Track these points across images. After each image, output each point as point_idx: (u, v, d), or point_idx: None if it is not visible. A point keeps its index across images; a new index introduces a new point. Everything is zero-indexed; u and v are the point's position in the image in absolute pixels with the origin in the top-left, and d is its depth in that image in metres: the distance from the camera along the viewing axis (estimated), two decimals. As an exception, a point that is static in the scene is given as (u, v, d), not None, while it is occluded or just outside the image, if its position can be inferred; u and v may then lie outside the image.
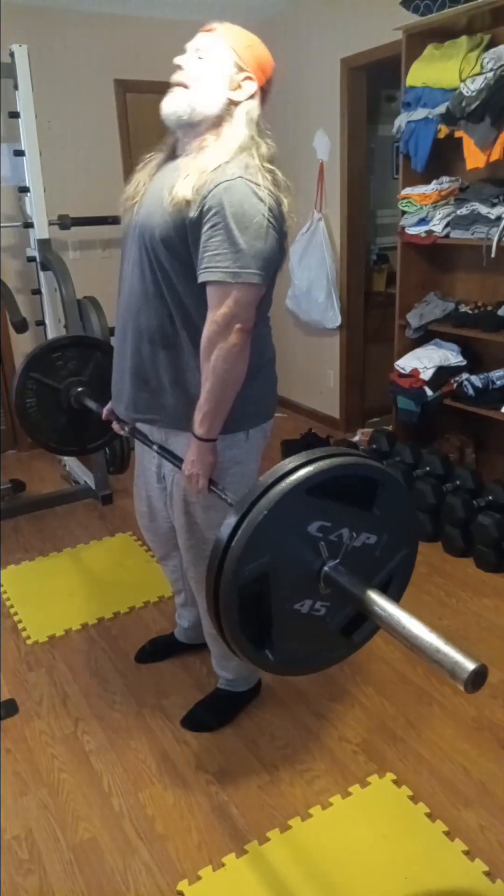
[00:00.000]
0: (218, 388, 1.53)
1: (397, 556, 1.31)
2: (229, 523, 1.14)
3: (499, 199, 2.91)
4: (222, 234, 1.44)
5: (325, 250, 4.17)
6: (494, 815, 1.73)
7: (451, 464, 3.17)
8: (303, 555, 1.20)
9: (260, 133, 1.57)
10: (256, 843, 1.68)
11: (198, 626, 2.25)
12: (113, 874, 1.62)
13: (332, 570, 1.21)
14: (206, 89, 1.52)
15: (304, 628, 1.26)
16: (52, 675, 2.30)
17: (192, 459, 1.61)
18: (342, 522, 1.21)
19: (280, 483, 1.14)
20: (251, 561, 1.14)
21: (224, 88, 1.53)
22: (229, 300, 1.47)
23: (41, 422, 2.38)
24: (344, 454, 1.21)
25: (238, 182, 1.45)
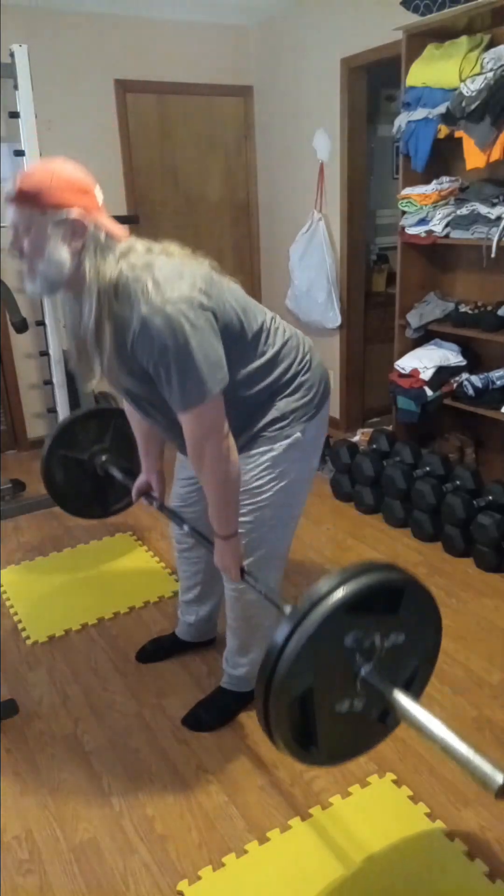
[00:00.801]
0: (221, 491, 1.63)
1: (423, 648, 1.46)
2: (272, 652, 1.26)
3: (499, 199, 2.91)
4: (166, 375, 1.47)
5: (325, 250, 4.17)
6: (494, 815, 1.73)
7: (451, 464, 3.17)
8: (342, 665, 1.33)
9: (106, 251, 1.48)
10: (256, 843, 1.68)
11: (205, 621, 2.28)
12: (113, 874, 1.62)
13: (368, 675, 1.33)
14: (46, 261, 1.46)
15: (345, 724, 1.39)
16: (52, 675, 2.30)
17: (220, 555, 1.73)
18: (374, 629, 1.33)
19: (317, 608, 1.25)
20: (296, 683, 1.27)
21: (61, 249, 1.45)
22: (195, 421, 1.54)
23: (70, 492, 2.55)
24: (372, 569, 1.32)
25: (144, 323, 1.42)
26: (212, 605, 2.26)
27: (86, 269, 1.45)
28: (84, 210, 1.45)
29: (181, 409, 1.52)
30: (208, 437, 1.56)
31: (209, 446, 1.57)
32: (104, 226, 1.49)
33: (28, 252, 1.47)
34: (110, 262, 1.47)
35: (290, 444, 1.77)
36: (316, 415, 1.82)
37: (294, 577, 2.78)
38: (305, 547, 3.05)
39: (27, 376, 4.26)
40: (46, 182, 1.42)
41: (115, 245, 1.49)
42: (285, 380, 1.75)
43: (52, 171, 1.44)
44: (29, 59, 3.20)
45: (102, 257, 1.47)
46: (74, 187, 1.45)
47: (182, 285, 1.45)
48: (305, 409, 1.79)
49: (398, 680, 1.41)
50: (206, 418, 1.54)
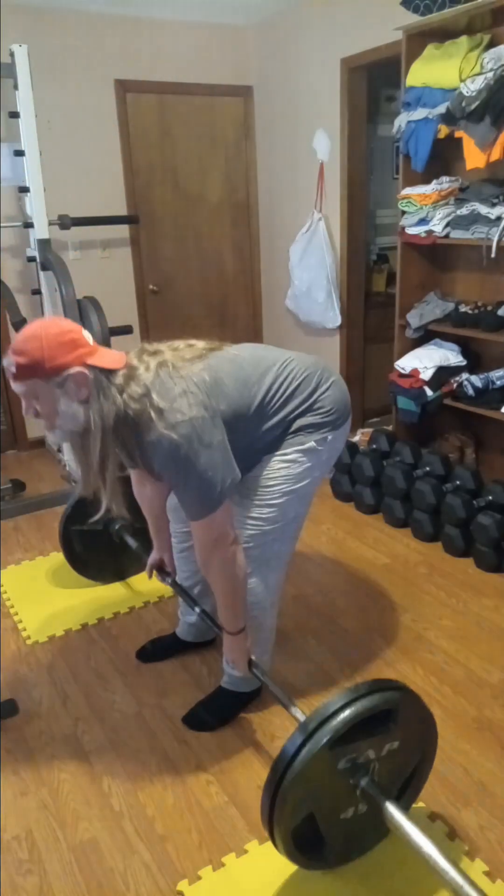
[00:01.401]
0: (229, 592, 1.74)
1: (418, 752, 1.54)
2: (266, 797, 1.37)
3: (499, 199, 2.91)
4: (175, 484, 1.65)
5: (325, 250, 4.17)
6: (494, 815, 1.73)
7: (451, 464, 3.17)
8: (338, 786, 1.41)
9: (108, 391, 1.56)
10: (256, 843, 1.68)
11: None
12: (113, 874, 1.62)
13: (367, 787, 1.42)
14: (61, 418, 1.58)
15: (351, 826, 1.49)
16: (52, 675, 2.30)
17: (228, 649, 1.85)
18: (365, 748, 1.41)
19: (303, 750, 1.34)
20: (295, 818, 1.38)
21: (71, 404, 1.55)
22: (206, 528, 1.66)
23: (89, 560, 2.72)
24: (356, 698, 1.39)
25: (160, 442, 1.54)
26: (212, 605, 2.26)
27: (92, 419, 1.55)
28: (78, 360, 1.53)
29: (193, 517, 1.65)
30: (217, 542, 1.67)
31: (217, 551, 1.68)
32: (100, 365, 1.56)
33: (43, 414, 1.58)
34: (115, 400, 1.55)
35: (304, 450, 1.82)
36: (334, 430, 1.88)
37: (295, 578, 2.78)
38: (305, 547, 3.05)
39: (27, 376, 4.25)
40: (39, 352, 1.49)
41: (114, 379, 1.57)
42: (300, 410, 1.83)
43: (40, 338, 1.50)
44: (29, 59, 3.21)
45: (105, 398, 1.55)
46: (65, 345, 1.52)
47: (181, 405, 1.55)
48: (322, 424, 1.85)
49: (396, 783, 1.52)
50: (215, 526, 1.66)
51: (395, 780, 1.53)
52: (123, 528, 2.55)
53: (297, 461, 1.82)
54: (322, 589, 2.75)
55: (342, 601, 2.66)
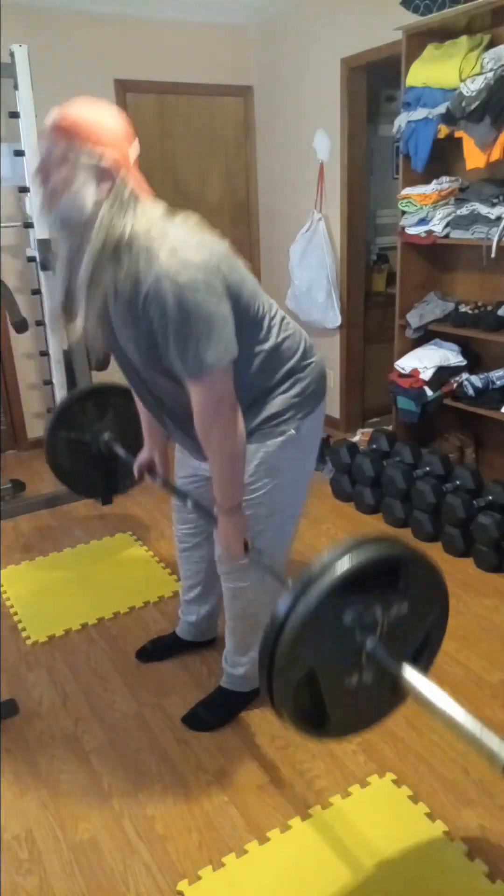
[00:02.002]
0: (228, 463, 1.62)
1: (430, 616, 1.42)
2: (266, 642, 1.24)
3: (499, 199, 2.91)
4: (174, 338, 1.45)
5: (325, 250, 4.17)
6: (494, 815, 1.73)
7: (451, 464, 3.17)
8: (343, 643, 1.30)
9: (127, 206, 1.46)
10: (256, 843, 1.68)
11: (205, 619, 2.28)
12: (113, 874, 1.62)
13: (372, 651, 1.30)
14: (71, 199, 1.43)
15: (356, 697, 1.36)
16: (52, 675, 2.30)
17: (223, 531, 1.72)
18: (373, 603, 1.30)
19: (307, 595, 1.23)
20: (296, 670, 1.26)
21: (88, 194, 1.43)
22: (210, 387, 1.52)
23: (75, 474, 2.56)
24: (362, 544, 1.29)
25: (160, 284, 1.41)
26: (212, 605, 2.26)
27: (98, 218, 1.42)
28: (117, 160, 1.43)
29: (191, 376, 1.50)
30: (217, 408, 1.55)
31: (218, 417, 1.56)
32: (131, 181, 1.47)
33: (53, 183, 1.44)
34: (127, 217, 1.45)
35: (284, 441, 1.75)
36: (311, 412, 1.80)
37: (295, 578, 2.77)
38: (305, 547, 3.05)
39: (27, 376, 4.26)
40: (88, 121, 1.42)
41: (136, 203, 1.48)
42: (281, 375, 1.74)
43: (97, 113, 1.45)
44: (29, 59, 3.21)
45: (120, 211, 1.44)
46: (113, 135, 1.44)
47: (200, 253, 1.44)
48: (300, 406, 1.77)
49: (405, 651, 1.38)
50: (216, 388, 1.52)
51: (405, 648, 1.40)
52: (111, 439, 2.43)
53: (277, 455, 1.75)
54: (322, 589, 2.75)
55: (342, 601, 2.66)
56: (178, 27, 4.20)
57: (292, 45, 4.15)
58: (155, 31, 4.14)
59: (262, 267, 4.96)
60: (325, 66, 3.94)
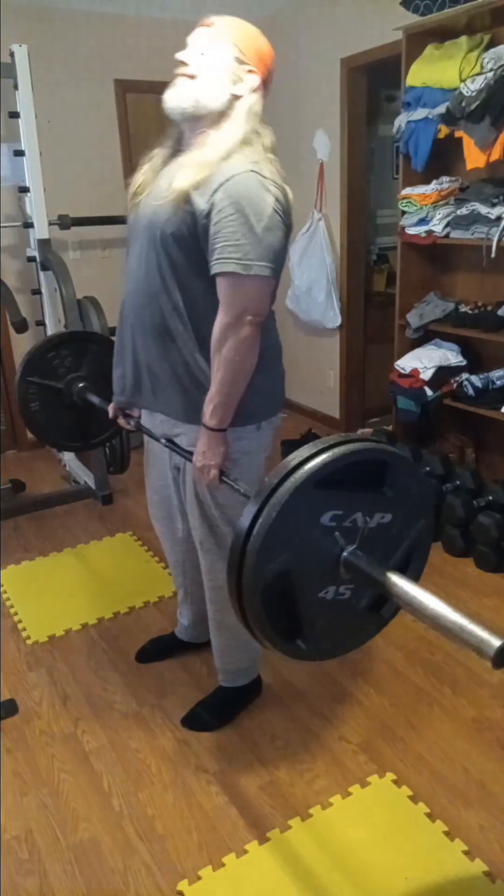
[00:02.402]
0: (230, 379, 1.56)
1: (414, 528, 1.32)
2: (241, 527, 1.15)
3: (499, 199, 2.91)
4: (233, 227, 1.46)
5: (325, 250, 4.17)
6: (494, 815, 1.73)
7: (451, 464, 3.17)
8: (320, 545, 1.21)
9: (262, 125, 1.58)
10: (256, 843, 1.68)
11: (198, 623, 2.25)
12: (113, 874, 1.62)
13: (351, 556, 1.21)
14: (210, 83, 1.53)
15: (332, 613, 1.27)
16: (52, 675, 2.30)
17: (203, 450, 1.63)
18: (354, 508, 1.21)
19: (286, 481, 1.14)
20: (269, 561, 1.15)
21: (227, 83, 1.54)
22: (241, 292, 1.50)
23: (47, 423, 2.41)
24: (346, 441, 1.21)
25: (248, 175, 1.47)
26: (195, 612, 2.23)
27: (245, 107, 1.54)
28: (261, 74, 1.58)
29: (231, 264, 1.47)
30: (241, 317, 1.51)
31: (238, 328, 1.51)
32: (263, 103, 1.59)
33: (196, 65, 1.54)
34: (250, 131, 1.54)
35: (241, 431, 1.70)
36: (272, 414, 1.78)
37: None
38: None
39: (27, 376, 4.26)
40: (251, 36, 1.59)
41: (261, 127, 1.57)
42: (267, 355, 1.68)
43: (260, 36, 1.60)
44: (29, 59, 3.21)
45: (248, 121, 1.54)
46: (267, 60, 1.60)
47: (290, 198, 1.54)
48: (263, 405, 1.73)
49: (388, 563, 1.28)
50: (248, 295, 1.50)
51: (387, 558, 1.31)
52: (85, 388, 2.32)
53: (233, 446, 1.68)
54: (322, 589, 2.75)
55: (342, 601, 2.66)
56: (178, 27, 4.19)
57: (292, 45, 4.15)
58: (155, 31, 4.13)
59: (262, 267, 4.95)
60: (325, 66, 3.94)
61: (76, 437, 2.51)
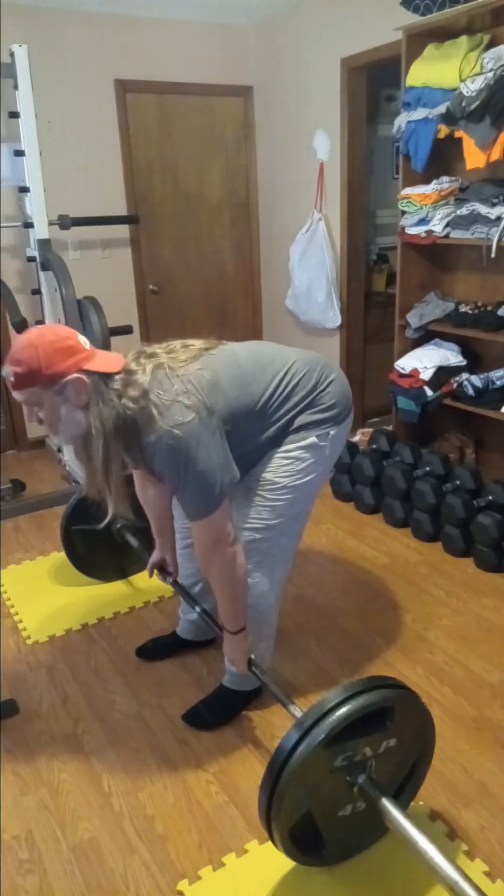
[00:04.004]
0: (229, 592, 1.75)
1: (416, 750, 1.53)
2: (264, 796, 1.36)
3: (499, 199, 2.91)
4: (174, 485, 1.66)
5: (325, 250, 4.17)
6: (494, 815, 1.73)
7: (451, 464, 3.17)
8: (335, 783, 1.40)
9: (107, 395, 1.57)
10: (256, 843, 1.68)
11: None
12: (113, 874, 1.62)
13: (363, 785, 1.41)
14: (65, 425, 1.59)
15: (350, 823, 1.47)
16: (52, 675, 2.30)
17: (228, 649, 1.86)
18: (363, 745, 1.39)
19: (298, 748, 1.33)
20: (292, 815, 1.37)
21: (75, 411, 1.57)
22: (205, 528, 1.67)
23: (91, 560, 2.75)
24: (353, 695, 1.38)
25: (158, 444, 1.56)
26: (212, 603, 2.26)
27: (92, 424, 1.56)
28: (75, 366, 1.53)
29: (192, 517, 1.67)
30: (216, 544, 1.68)
31: (217, 552, 1.69)
32: (98, 370, 1.57)
33: (46, 420, 1.60)
34: (114, 404, 1.56)
35: (306, 446, 1.82)
36: (336, 425, 1.88)
37: (296, 579, 2.78)
38: (305, 547, 3.05)
39: (27, 376, 4.26)
40: (36, 361, 1.50)
41: (112, 384, 1.58)
42: (301, 406, 1.82)
43: (36, 346, 1.51)
44: (29, 59, 3.21)
45: (105, 403, 1.56)
46: (61, 352, 1.52)
47: (179, 406, 1.56)
48: (324, 420, 1.85)
49: (394, 780, 1.50)
50: (215, 527, 1.67)
51: (394, 778, 1.52)
52: (125, 527, 2.55)
53: (300, 458, 1.82)
54: (322, 589, 2.75)
55: (342, 601, 2.66)
56: (178, 27, 4.20)
57: (292, 45, 4.15)
58: (155, 31, 4.14)
59: (262, 267, 4.96)
60: (325, 66, 3.94)
61: (115, 569, 2.80)
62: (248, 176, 4.77)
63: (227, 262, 4.90)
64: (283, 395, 1.79)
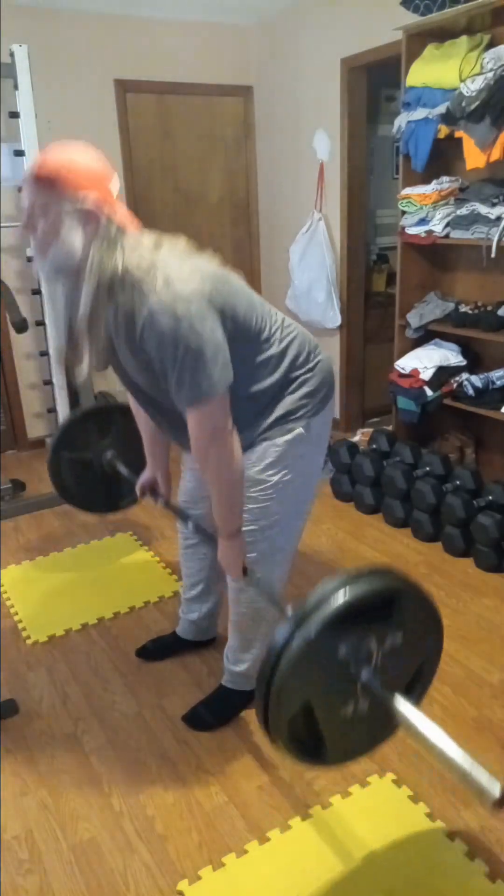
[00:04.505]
0: (226, 489, 1.64)
1: (424, 646, 1.45)
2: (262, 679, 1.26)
3: (499, 199, 2.91)
4: (171, 368, 1.48)
5: (325, 250, 4.17)
6: (494, 815, 1.73)
7: (451, 464, 3.17)
8: (338, 676, 1.31)
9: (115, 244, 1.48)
10: (256, 843, 1.68)
11: (206, 618, 2.28)
12: (113, 874, 1.62)
13: (367, 681, 1.32)
14: (59, 247, 1.47)
15: (352, 725, 1.38)
16: (52, 675, 2.30)
17: (222, 554, 1.74)
18: (368, 636, 1.31)
19: (304, 627, 1.25)
20: (292, 703, 1.27)
21: (76, 239, 1.46)
22: (206, 416, 1.55)
23: (78, 491, 2.57)
24: (358, 577, 1.30)
25: (153, 318, 1.44)
26: (214, 603, 2.27)
27: (89, 259, 1.45)
28: (99, 200, 1.46)
29: (187, 405, 1.53)
30: (214, 436, 1.57)
31: (214, 444, 1.58)
32: (117, 218, 1.49)
33: (41, 233, 1.48)
34: (117, 255, 1.47)
35: (293, 439, 1.77)
36: (320, 411, 1.82)
37: (295, 579, 2.77)
38: (305, 547, 3.05)
39: (27, 376, 4.26)
40: (66, 168, 1.44)
41: (124, 239, 1.50)
42: (289, 378, 1.76)
43: (72, 157, 1.46)
44: (29, 59, 3.21)
45: (109, 249, 1.47)
46: (92, 176, 1.46)
47: (191, 283, 1.46)
48: (309, 404, 1.79)
49: (400, 681, 1.40)
50: (212, 416, 1.55)
51: (399, 680, 1.42)
52: (115, 457, 2.45)
53: (288, 452, 1.77)
54: (322, 589, 2.75)
55: (342, 601, 2.66)
56: (178, 27, 4.20)
57: (292, 45, 4.15)
58: (155, 31, 4.14)
59: (262, 267, 4.96)
60: (325, 66, 3.94)
61: (104, 501, 2.62)
62: (248, 176, 4.77)
63: (227, 262, 4.87)
64: (279, 338, 1.73)
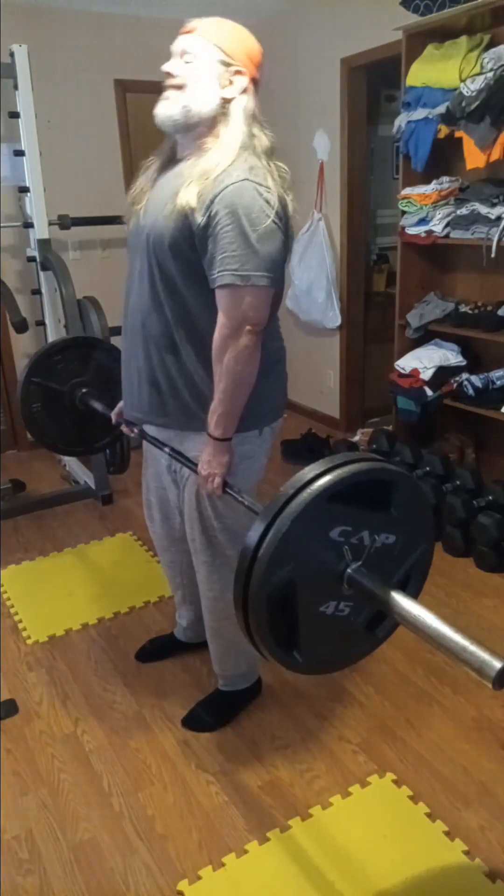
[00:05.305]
0: (231, 388, 1.56)
1: (415, 552, 1.35)
2: (255, 533, 1.17)
3: (499, 199, 2.91)
4: (229, 238, 1.45)
5: (325, 250, 4.17)
6: (494, 815, 1.73)
7: (451, 464, 3.17)
8: (327, 559, 1.24)
9: (258, 126, 1.55)
10: (256, 843, 1.68)
11: (196, 624, 2.25)
12: (113, 874, 1.62)
13: (356, 573, 1.24)
14: (198, 91, 1.52)
15: (330, 628, 1.31)
16: (52, 675, 2.30)
17: (207, 460, 1.64)
18: (363, 525, 1.25)
19: (302, 492, 1.17)
20: (278, 570, 1.18)
21: (215, 87, 1.52)
22: (240, 303, 1.49)
23: (48, 426, 2.39)
24: (360, 460, 1.24)
25: (244, 185, 1.45)
26: (194, 614, 2.23)
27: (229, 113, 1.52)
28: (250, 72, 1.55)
29: (223, 280, 1.48)
30: (240, 327, 1.50)
31: (237, 337, 1.51)
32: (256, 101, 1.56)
33: (185, 74, 1.54)
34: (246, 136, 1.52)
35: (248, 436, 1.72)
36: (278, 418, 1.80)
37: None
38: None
39: (27, 376, 4.26)
40: (234, 37, 1.56)
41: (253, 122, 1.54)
42: (271, 360, 1.70)
43: (245, 33, 1.59)
44: (29, 59, 3.21)
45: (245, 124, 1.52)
46: (255, 57, 1.57)
47: (270, 189, 1.49)
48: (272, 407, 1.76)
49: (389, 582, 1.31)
50: (254, 305, 1.50)
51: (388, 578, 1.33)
52: (88, 394, 2.32)
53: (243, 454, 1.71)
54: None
55: (342, 601, 2.66)
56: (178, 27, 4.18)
57: (292, 45, 4.15)
58: (155, 31, 4.13)
59: (262, 267, 4.95)
60: (325, 66, 3.93)
61: (77, 441, 2.49)
62: (248, 176, 4.76)
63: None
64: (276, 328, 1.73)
